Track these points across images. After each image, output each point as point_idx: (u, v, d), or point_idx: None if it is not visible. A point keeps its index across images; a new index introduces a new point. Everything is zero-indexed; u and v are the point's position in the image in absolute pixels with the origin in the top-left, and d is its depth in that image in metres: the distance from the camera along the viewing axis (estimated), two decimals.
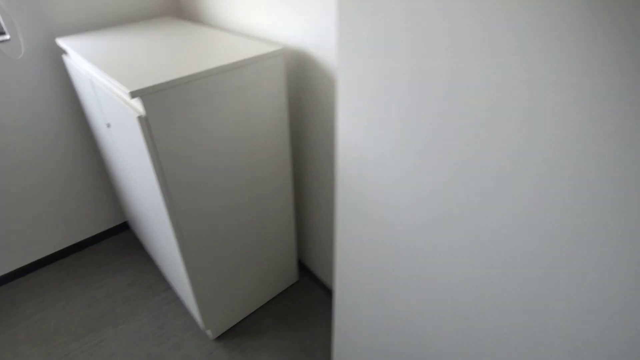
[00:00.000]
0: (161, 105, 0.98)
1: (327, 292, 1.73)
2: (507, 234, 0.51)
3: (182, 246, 1.23)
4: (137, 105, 0.99)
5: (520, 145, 0.44)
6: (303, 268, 1.83)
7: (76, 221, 1.89)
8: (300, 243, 1.78)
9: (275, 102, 1.23)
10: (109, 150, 1.54)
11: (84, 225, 1.93)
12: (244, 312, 1.63)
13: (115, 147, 1.39)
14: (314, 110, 1.29)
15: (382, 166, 0.64)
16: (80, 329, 1.61)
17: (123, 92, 0.97)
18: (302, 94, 1.30)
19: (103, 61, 1.14)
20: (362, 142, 0.65)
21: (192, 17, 1.72)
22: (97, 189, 1.88)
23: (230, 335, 1.58)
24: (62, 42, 1.39)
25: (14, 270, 1.81)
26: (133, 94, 0.92)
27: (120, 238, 2.05)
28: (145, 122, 0.97)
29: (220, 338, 1.57)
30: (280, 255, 1.61)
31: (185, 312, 1.66)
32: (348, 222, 0.79)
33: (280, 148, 1.34)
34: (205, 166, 1.15)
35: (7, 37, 1.43)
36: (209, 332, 1.55)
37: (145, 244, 1.87)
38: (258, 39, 1.29)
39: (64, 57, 1.47)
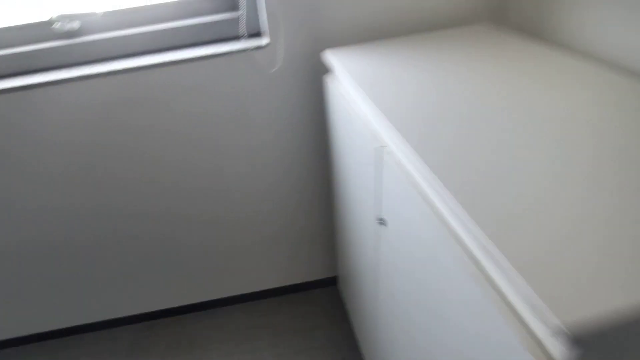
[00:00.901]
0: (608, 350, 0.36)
1: None
2: None
3: None
4: None
5: None
6: None
7: (282, 262, 1.54)
8: None
9: None
10: (357, 223, 1.05)
11: (289, 269, 1.57)
12: None
13: (382, 248, 0.87)
14: None
15: None
16: None
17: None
18: None
19: (412, 135, 0.58)
20: None
21: (527, 25, 1.04)
22: (319, 231, 1.47)
23: None
24: (331, 57, 0.91)
25: (210, 301, 1.59)
26: (578, 345, 0.32)
27: (324, 295, 1.63)
28: None
29: None
30: None
31: None
32: None
33: None
34: None
35: (267, 41, 1.03)
36: None
37: (352, 318, 1.41)
38: None
39: (325, 77, 1.01)
